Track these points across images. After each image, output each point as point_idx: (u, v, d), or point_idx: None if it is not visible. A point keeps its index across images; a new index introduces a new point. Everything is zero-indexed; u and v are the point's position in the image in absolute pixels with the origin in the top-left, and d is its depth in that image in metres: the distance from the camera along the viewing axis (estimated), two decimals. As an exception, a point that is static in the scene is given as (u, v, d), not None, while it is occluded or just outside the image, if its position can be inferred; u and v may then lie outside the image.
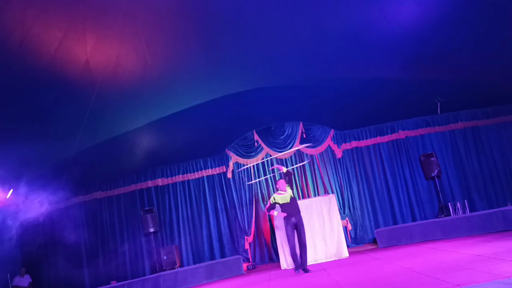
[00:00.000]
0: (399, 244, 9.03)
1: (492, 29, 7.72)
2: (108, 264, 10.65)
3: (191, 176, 11.20)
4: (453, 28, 7.62)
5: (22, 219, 8.94)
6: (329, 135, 11.15)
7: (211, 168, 11.20)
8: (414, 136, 11.14)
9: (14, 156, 7.70)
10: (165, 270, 9.72)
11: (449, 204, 9.99)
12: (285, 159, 11.00)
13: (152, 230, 10.31)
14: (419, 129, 11.14)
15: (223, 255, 10.70)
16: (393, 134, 11.17)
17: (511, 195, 10.69)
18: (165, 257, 9.86)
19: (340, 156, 11.08)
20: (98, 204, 11.09)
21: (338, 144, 11.12)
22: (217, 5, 6.58)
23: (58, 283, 10.63)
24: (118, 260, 10.69)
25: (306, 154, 11.04)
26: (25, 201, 8.82)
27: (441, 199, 10.32)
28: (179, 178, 11.17)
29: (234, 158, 11.15)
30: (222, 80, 8.48)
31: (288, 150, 10.76)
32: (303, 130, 11.08)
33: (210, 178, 11.23)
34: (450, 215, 9.59)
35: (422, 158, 10.66)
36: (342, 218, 10.24)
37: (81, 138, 8.19)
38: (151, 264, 10.66)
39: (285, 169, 8.00)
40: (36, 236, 10.42)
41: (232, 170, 11.12)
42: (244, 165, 10.95)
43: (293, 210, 7.51)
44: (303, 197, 10.72)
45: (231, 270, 9.37)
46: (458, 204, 9.84)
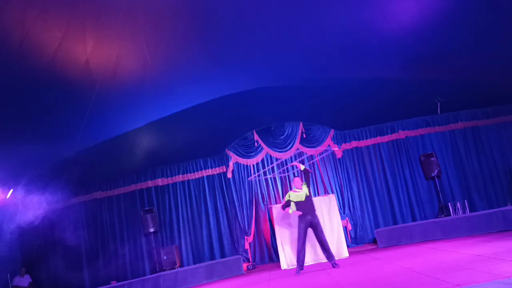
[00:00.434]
0: (399, 244, 9.03)
1: (492, 29, 7.72)
2: (108, 264, 10.66)
3: (191, 176, 11.20)
4: (453, 28, 7.61)
5: (22, 219, 8.93)
6: (329, 135, 11.15)
7: (211, 168, 11.20)
8: (414, 136, 11.15)
9: (14, 156, 7.70)
10: (165, 270, 9.72)
11: (449, 204, 10.00)
12: (285, 159, 11.01)
13: (152, 230, 10.32)
14: (419, 129, 11.15)
15: (223, 255, 10.69)
16: (393, 134, 11.18)
17: (511, 195, 10.69)
18: (165, 257, 9.86)
19: (340, 156, 11.08)
20: (98, 204, 11.09)
21: (338, 144, 11.13)
22: (217, 5, 6.57)
23: (58, 283, 10.63)
24: (118, 260, 10.70)
25: (306, 154, 11.04)
26: (25, 201, 8.82)
27: (441, 199, 10.32)
28: (179, 178, 11.17)
29: (234, 158, 11.15)
30: (222, 80, 8.47)
31: (288, 150, 10.76)
32: (303, 130, 11.09)
33: (210, 178, 11.23)
34: (450, 215, 9.60)
35: (422, 158, 10.67)
36: (342, 218, 10.24)
37: (81, 138, 8.18)
38: (151, 264, 10.67)
39: (303, 167, 7.93)
40: (36, 236, 10.41)
41: (232, 170, 11.12)
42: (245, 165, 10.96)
43: (308, 208, 7.47)
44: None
45: (231, 270, 9.38)
46: (458, 204, 9.84)
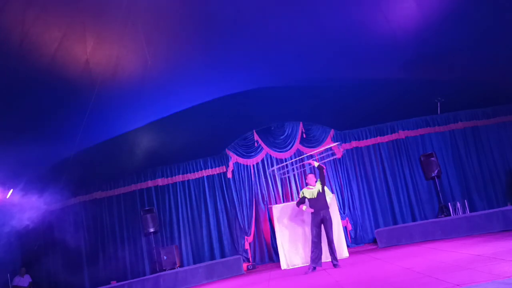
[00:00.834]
0: (399, 244, 9.03)
1: (492, 29, 7.72)
2: (108, 264, 10.66)
3: (191, 176, 11.20)
4: (453, 28, 7.61)
5: (22, 219, 8.93)
6: (329, 135, 11.15)
7: (211, 168, 11.20)
8: (414, 136, 11.15)
9: (14, 156, 7.69)
10: (165, 270, 9.72)
11: (449, 204, 10.00)
12: (285, 159, 11.01)
13: (152, 230, 10.31)
14: (419, 129, 11.15)
15: (223, 255, 10.69)
16: (393, 134, 11.17)
17: (511, 195, 10.69)
18: (165, 257, 9.86)
19: (340, 156, 11.08)
20: (98, 204, 11.08)
21: (338, 144, 11.12)
22: (217, 5, 6.57)
23: (58, 283, 10.63)
24: (118, 260, 10.70)
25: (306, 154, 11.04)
26: (25, 201, 8.82)
27: (441, 199, 10.32)
28: (179, 178, 11.17)
29: (234, 158, 11.14)
30: (222, 80, 8.47)
31: (288, 150, 10.75)
32: (303, 130, 11.09)
33: (210, 178, 11.22)
34: (450, 215, 9.60)
35: (422, 158, 10.67)
36: (342, 218, 10.23)
37: (81, 138, 8.18)
38: (151, 264, 10.66)
39: (317, 164, 7.98)
40: (36, 236, 10.40)
41: (232, 170, 11.11)
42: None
43: (319, 205, 7.54)
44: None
45: (231, 270, 9.38)
46: (458, 204, 9.84)
